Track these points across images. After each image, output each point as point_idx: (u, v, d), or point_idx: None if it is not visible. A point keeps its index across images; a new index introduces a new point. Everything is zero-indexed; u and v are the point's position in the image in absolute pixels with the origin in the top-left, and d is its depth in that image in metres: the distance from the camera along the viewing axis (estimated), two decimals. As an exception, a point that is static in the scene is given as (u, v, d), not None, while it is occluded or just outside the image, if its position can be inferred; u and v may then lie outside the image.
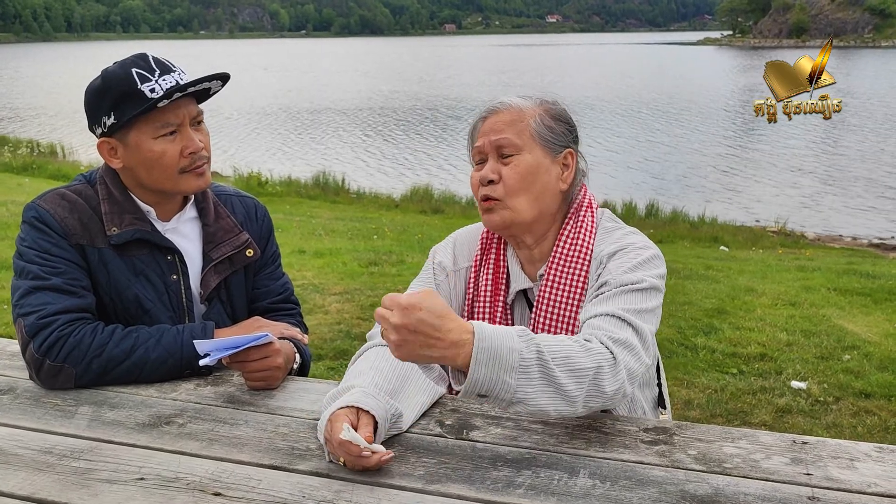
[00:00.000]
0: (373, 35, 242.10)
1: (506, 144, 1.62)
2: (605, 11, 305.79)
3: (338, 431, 1.31)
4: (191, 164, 1.78)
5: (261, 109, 27.81)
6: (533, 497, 1.25)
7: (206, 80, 1.76)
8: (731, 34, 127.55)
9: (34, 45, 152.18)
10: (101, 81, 1.75)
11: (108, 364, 1.67)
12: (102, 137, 1.79)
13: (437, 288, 1.75)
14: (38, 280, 1.70)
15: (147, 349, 1.70)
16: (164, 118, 1.74)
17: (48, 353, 1.65)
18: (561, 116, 1.67)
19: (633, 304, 1.49)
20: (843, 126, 22.54)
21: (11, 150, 15.56)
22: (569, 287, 1.63)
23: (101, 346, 1.67)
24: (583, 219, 1.68)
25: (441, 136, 21.91)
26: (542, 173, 1.63)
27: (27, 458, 1.39)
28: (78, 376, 1.67)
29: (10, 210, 8.43)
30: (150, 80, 1.72)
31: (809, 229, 11.67)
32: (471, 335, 1.27)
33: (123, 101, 1.72)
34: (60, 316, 1.68)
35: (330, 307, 5.38)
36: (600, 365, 1.35)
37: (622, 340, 1.41)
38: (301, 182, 14.04)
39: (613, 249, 1.61)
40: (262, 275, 1.99)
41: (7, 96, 33.45)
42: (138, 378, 1.70)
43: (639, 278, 1.53)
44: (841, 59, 59.84)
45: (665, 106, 28.48)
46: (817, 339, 4.88)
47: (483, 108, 1.70)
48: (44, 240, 1.74)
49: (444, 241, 1.84)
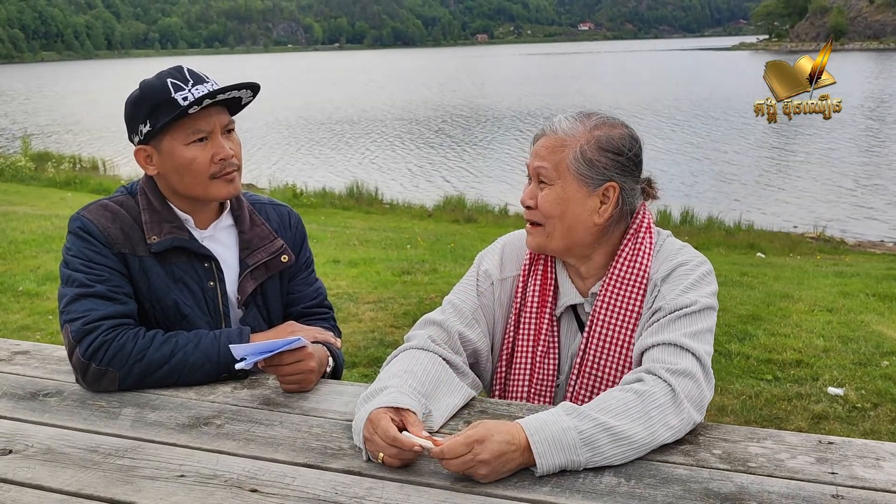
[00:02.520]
0: (405, 47, 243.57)
1: (543, 174, 1.62)
2: (637, 18, 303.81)
3: (384, 430, 1.36)
4: (220, 171, 1.85)
5: (294, 122, 28.15)
6: (558, 494, 1.28)
7: (234, 88, 1.83)
8: (767, 38, 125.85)
9: (76, 62, 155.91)
10: (139, 91, 1.84)
11: (149, 367, 1.74)
12: (139, 145, 1.87)
13: (480, 297, 1.74)
14: (83, 287, 1.78)
15: (186, 353, 1.76)
16: (195, 125, 1.81)
17: (93, 357, 1.72)
18: (610, 146, 1.61)
19: (688, 328, 1.51)
20: (886, 131, 22.12)
21: (55, 165, 15.97)
22: (624, 309, 1.63)
23: (142, 351, 1.74)
24: (641, 240, 1.66)
25: (473, 145, 21.96)
26: (574, 206, 1.61)
27: (74, 457, 1.46)
28: (121, 379, 1.74)
29: (55, 224, 8.66)
30: (183, 89, 1.80)
31: (850, 235, 11.46)
32: (524, 433, 1.33)
33: (158, 109, 1.80)
34: (104, 322, 1.75)
35: (364, 315, 5.45)
36: (659, 403, 1.38)
37: (680, 370, 1.43)
38: (335, 193, 14.18)
39: (666, 272, 1.62)
40: (296, 280, 2.05)
41: (50, 113, 34.33)
42: (178, 381, 1.77)
43: (692, 300, 1.54)
44: (880, 61, 58.66)
45: (699, 111, 28.20)
46: (855, 345, 4.81)
47: (542, 123, 1.70)
48: (88, 249, 1.82)
49: (492, 247, 1.83)
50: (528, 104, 32.89)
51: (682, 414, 1.40)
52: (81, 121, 30.22)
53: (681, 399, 1.40)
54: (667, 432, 1.38)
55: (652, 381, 1.41)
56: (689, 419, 1.41)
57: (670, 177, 15.40)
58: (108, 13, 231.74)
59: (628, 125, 1.66)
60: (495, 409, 1.61)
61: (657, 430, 1.37)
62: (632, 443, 1.34)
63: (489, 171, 17.49)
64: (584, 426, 1.33)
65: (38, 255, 7.18)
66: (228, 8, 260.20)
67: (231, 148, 1.86)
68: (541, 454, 1.31)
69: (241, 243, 1.97)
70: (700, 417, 1.45)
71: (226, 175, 1.86)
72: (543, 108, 30.54)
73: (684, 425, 1.41)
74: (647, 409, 1.37)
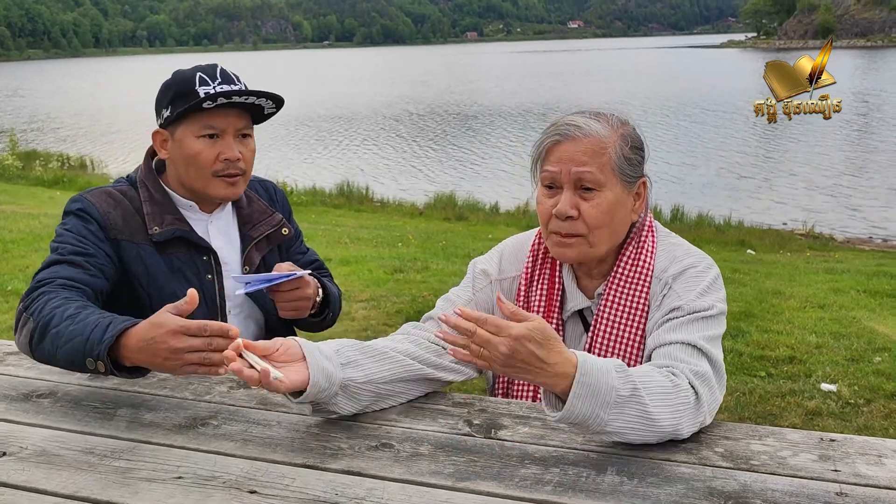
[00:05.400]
0: (395, 44, 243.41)
1: (589, 180, 1.54)
2: (627, 16, 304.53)
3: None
4: (223, 170, 1.87)
5: (284, 119, 28.05)
6: (561, 494, 1.27)
7: (253, 93, 1.85)
8: (755, 36, 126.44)
9: (63, 60, 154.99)
10: (171, 77, 1.89)
11: (48, 324, 1.62)
12: (159, 128, 1.91)
13: (476, 293, 1.72)
14: (60, 255, 1.77)
15: (72, 321, 1.61)
16: (209, 120, 1.85)
17: (26, 303, 1.68)
18: (637, 143, 1.60)
19: (706, 332, 1.50)
20: (874, 128, 22.25)
21: (43, 163, 15.83)
22: (629, 307, 1.62)
23: (55, 308, 1.63)
24: (644, 238, 1.65)
25: (464, 143, 21.95)
26: (621, 208, 1.58)
27: (69, 459, 1.44)
28: (33, 331, 1.63)
29: (43, 223, 8.59)
30: (209, 84, 1.84)
31: (839, 231, 11.53)
32: (574, 368, 1.29)
33: (180, 97, 1.84)
34: (58, 279, 1.71)
35: (356, 314, 5.43)
36: (688, 403, 1.37)
37: (702, 374, 1.43)
38: (326, 191, 14.16)
39: (677, 270, 1.60)
40: (291, 251, 2.13)
41: (37, 111, 34.08)
42: (55, 349, 1.61)
43: (709, 304, 1.53)
44: (869, 59, 59.02)
45: (689, 109, 28.29)
46: (847, 342, 4.83)
47: (554, 127, 1.58)
48: (83, 226, 1.83)
49: (489, 254, 1.79)
50: (519, 101, 32.91)
51: (699, 417, 1.40)
52: (69, 119, 30.02)
53: (702, 403, 1.39)
54: (683, 431, 1.38)
55: (681, 377, 1.40)
56: (703, 424, 1.42)
57: (661, 174, 15.44)
58: (96, 10, 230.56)
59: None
60: (495, 408, 1.60)
61: (678, 425, 1.36)
62: (653, 426, 1.33)
63: (480, 170, 17.50)
64: (624, 390, 1.31)
65: (26, 254, 7.11)
66: (217, 5, 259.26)
67: (240, 152, 1.89)
68: (578, 395, 1.28)
69: (242, 218, 2.02)
70: (710, 421, 1.45)
71: (228, 176, 1.89)
72: (534, 105, 30.57)
73: (696, 429, 1.41)
74: (676, 403, 1.36)
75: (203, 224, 1.98)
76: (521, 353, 1.26)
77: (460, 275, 1.82)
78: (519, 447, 1.42)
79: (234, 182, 1.90)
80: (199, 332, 1.48)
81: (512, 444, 1.44)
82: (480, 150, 20.36)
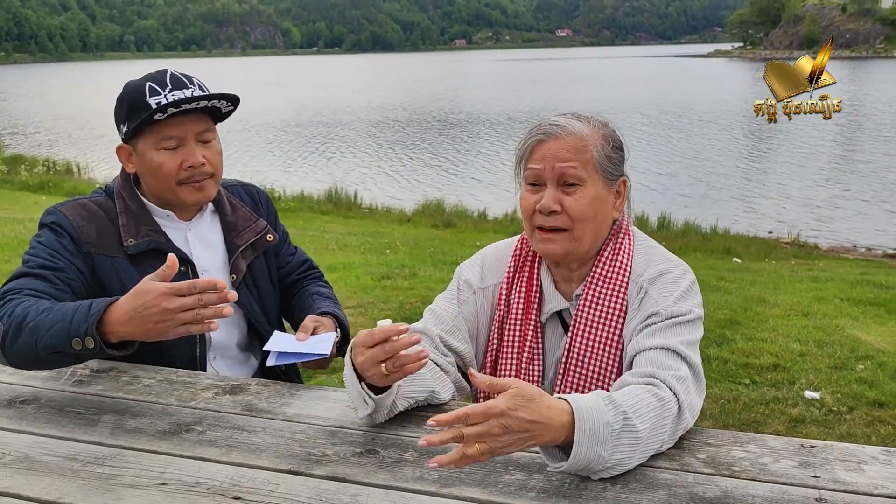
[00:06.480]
0: (384, 51, 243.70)
1: (572, 175, 1.58)
2: (615, 25, 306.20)
3: (361, 338, 1.44)
4: (189, 178, 1.87)
5: (272, 125, 28.02)
6: (545, 499, 1.27)
7: (205, 98, 1.83)
8: (741, 46, 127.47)
9: (50, 65, 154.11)
10: (122, 91, 1.87)
11: (23, 322, 1.64)
12: (122, 143, 1.90)
13: (462, 305, 1.74)
14: (28, 268, 1.78)
15: (49, 312, 1.64)
16: (166, 131, 1.83)
17: None
18: (617, 143, 1.65)
19: (685, 336, 1.52)
20: (858, 137, 22.47)
21: (28, 168, 15.75)
22: (607, 308, 1.64)
23: (27, 308, 1.66)
24: (621, 241, 1.68)
25: (453, 151, 21.99)
26: (602, 204, 1.62)
27: (53, 465, 1.43)
28: (4, 333, 1.64)
29: (28, 228, 8.53)
30: (159, 93, 1.81)
31: (823, 240, 11.63)
32: (569, 417, 1.25)
33: (133, 111, 1.83)
34: (26, 290, 1.73)
35: (343, 321, 5.42)
36: (672, 414, 1.38)
37: (683, 378, 1.44)
38: (314, 197, 14.14)
39: (654, 274, 1.62)
40: (281, 254, 2.14)
41: (24, 115, 33.86)
42: (37, 340, 1.62)
43: (687, 309, 1.55)
44: (853, 69, 59.62)
45: (675, 117, 28.47)
46: (830, 350, 4.87)
47: (538, 127, 1.63)
48: (55, 240, 1.83)
49: (472, 259, 1.82)
50: (506, 109, 33.00)
51: (682, 423, 1.41)
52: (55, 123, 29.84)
53: (684, 410, 1.40)
54: (668, 444, 1.39)
55: (664, 388, 1.40)
56: (686, 429, 1.43)
57: (648, 182, 15.52)
58: (83, 15, 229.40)
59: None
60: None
61: (668, 441, 1.38)
62: (645, 449, 1.33)
63: (468, 176, 17.52)
64: (616, 423, 1.29)
65: (10, 259, 7.06)
66: (206, 11, 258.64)
67: (205, 156, 1.87)
68: (580, 442, 1.25)
69: (226, 226, 2.01)
70: (693, 423, 1.46)
71: (195, 182, 1.88)
72: (522, 112, 30.65)
73: (678, 436, 1.42)
74: (664, 418, 1.36)
75: (181, 233, 1.96)
76: (514, 426, 1.21)
77: (448, 282, 1.83)
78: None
79: (201, 186, 1.89)
80: (188, 290, 1.52)
81: (496, 450, 1.44)
82: (469, 157, 20.42)
